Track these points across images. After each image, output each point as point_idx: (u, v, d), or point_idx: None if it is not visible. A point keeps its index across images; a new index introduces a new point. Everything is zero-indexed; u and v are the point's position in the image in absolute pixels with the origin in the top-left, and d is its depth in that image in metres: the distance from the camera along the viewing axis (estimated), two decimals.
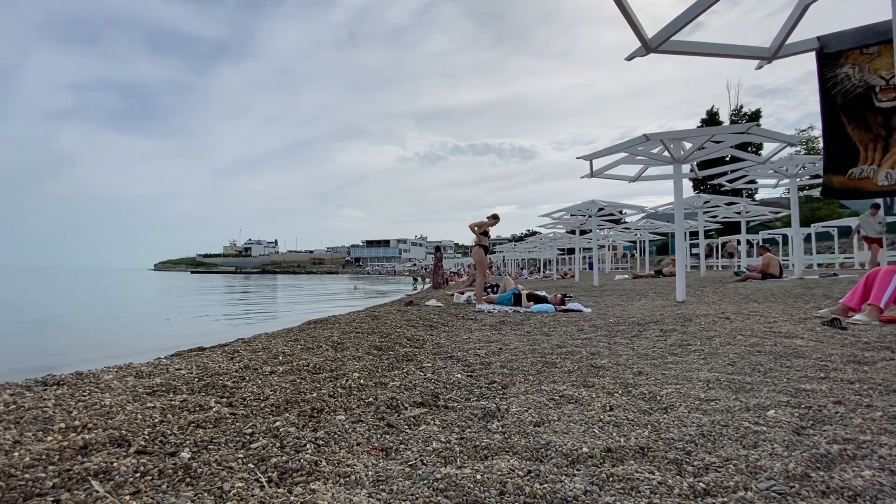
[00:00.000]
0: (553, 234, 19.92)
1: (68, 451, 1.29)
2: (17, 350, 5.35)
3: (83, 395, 1.85)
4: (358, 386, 2.08)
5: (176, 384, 2.04)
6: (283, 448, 1.40)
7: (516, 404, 1.84)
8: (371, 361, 2.64)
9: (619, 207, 12.79)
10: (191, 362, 2.62)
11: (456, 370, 2.46)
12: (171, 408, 1.70)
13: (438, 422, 1.68)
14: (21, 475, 1.15)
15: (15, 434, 1.40)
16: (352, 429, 1.59)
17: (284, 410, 1.76)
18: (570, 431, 1.54)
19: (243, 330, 6.40)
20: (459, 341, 3.49)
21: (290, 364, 2.50)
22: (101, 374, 2.26)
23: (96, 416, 1.58)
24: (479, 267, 7.10)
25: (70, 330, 7.44)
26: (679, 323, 3.94)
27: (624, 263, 32.73)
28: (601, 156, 7.26)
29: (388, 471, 1.28)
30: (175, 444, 1.39)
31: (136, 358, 3.31)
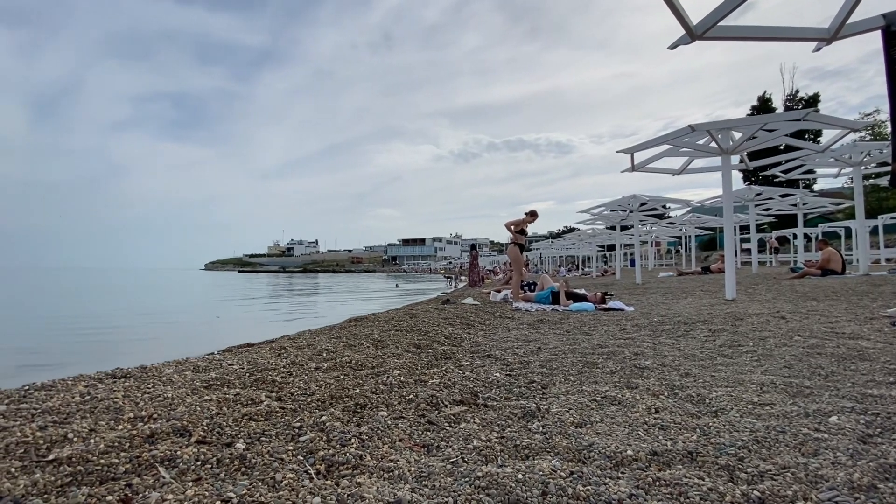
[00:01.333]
0: (592, 231, 19.42)
1: (137, 440, 1.40)
2: (86, 344, 5.82)
3: (148, 387, 1.99)
4: (398, 383, 2.13)
5: (229, 379, 2.16)
6: (329, 442, 1.45)
7: (557, 404, 1.83)
8: (410, 359, 2.68)
9: (663, 202, 12.29)
10: (242, 358, 2.76)
11: (494, 369, 2.46)
12: (225, 401, 1.80)
13: (478, 420, 1.69)
14: (97, 460, 1.27)
15: (90, 423, 1.53)
16: (394, 425, 1.63)
17: (329, 405, 1.82)
18: (614, 433, 1.51)
19: (288, 327, 6.66)
20: (497, 340, 3.48)
21: (333, 361, 2.58)
22: (162, 369, 2.43)
23: (160, 408, 1.70)
24: (515, 265, 7.04)
25: (131, 326, 8.00)
26: (729, 322, 3.76)
27: (668, 260, 31.48)
28: (643, 149, 7.01)
29: (430, 467, 1.31)
30: (230, 436, 1.47)
31: (192, 353, 3.52)
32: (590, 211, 13.49)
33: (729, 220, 6.20)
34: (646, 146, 6.89)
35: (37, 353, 5.22)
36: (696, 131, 5.82)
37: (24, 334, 6.98)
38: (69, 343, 5.91)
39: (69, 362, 4.37)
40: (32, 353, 5.18)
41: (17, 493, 1.08)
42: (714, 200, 12.93)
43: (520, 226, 6.84)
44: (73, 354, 5.07)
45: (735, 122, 6.28)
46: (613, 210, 13.03)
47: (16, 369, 4.17)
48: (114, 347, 5.58)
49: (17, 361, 4.75)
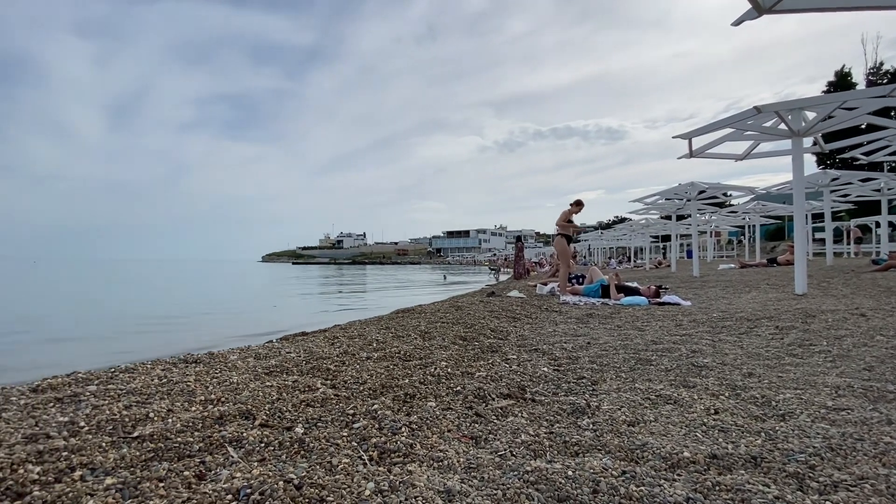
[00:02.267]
0: (645, 221, 18.56)
1: (208, 421, 1.52)
2: (158, 329, 6.35)
3: (216, 372, 2.15)
4: (446, 375, 2.16)
5: (288, 366, 2.29)
6: (381, 430, 1.51)
7: (608, 402, 1.79)
8: (457, 351, 2.71)
9: (724, 189, 11.51)
10: (298, 346, 2.91)
11: (542, 363, 2.44)
12: (285, 387, 1.91)
13: (526, 414, 1.69)
14: (174, 438, 1.39)
15: (168, 404, 1.68)
16: (442, 416, 1.66)
17: (380, 394, 1.88)
18: (669, 434, 1.46)
19: (339, 316, 6.92)
20: (544, 334, 3.44)
21: (383, 351, 2.66)
22: (227, 355, 2.61)
23: (227, 392, 1.83)
24: (562, 257, 6.87)
25: (198, 313, 8.63)
26: (799, 319, 3.49)
27: (729, 251, 29.55)
28: (702, 133, 6.59)
29: (479, 459, 1.33)
30: (290, 420, 1.57)
31: (252, 340, 3.76)
32: (643, 200, 12.91)
33: (800, 208, 5.72)
34: (705, 130, 6.47)
35: (117, 338, 5.77)
36: (762, 113, 5.39)
37: (105, 320, 7.72)
38: (144, 328, 6.48)
39: (145, 346, 4.79)
40: (114, 338, 5.73)
41: (108, 465, 1.21)
42: (782, 187, 11.94)
43: (566, 217, 6.66)
44: (147, 338, 5.55)
45: (808, 101, 5.75)
46: (669, 199, 12.38)
47: (101, 353, 4.63)
48: (183, 333, 6.05)
49: (102, 345, 5.27)
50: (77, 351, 4.95)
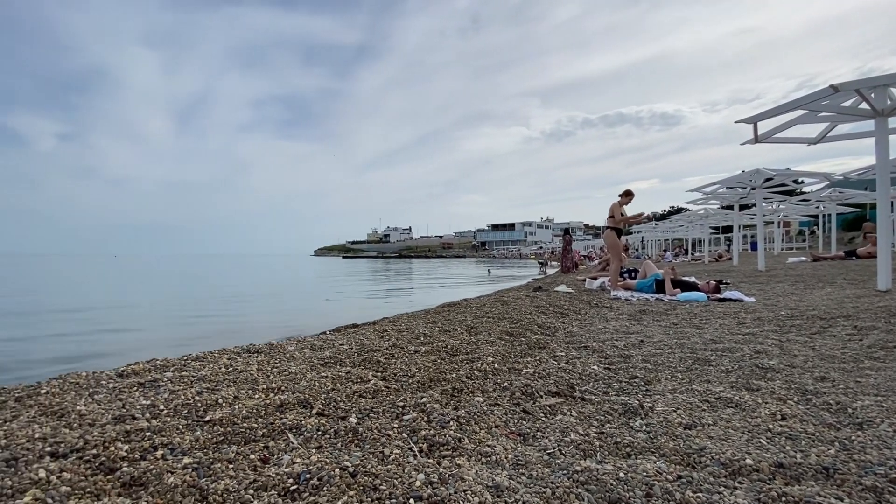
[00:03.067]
0: (704, 211, 17.48)
1: (270, 408, 1.63)
2: (220, 320, 6.81)
3: (276, 362, 2.29)
4: (493, 370, 2.17)
5: (341, 358, 2.39)
6: (430, 423, 1.55)
7: (662, 403, 1.72)
8: (503, 347, 2.71)
9: (794, 176, 10.60)
10: (350, 338, 3.02)
11: (592, 361, 2.39)
12: (339, 378, 2.00)
13: (575, 413, 1.67)
14: (241, 424, 1.50)
15: (234, 391, 1.81)
16: (489, 411, 1.68)
17: (429, 388, 1.93)
18: (730, 438, 1.39)
19: (386, 309, 7.10)
20: (594, 331, 3.35)
21: (430, 345, 2.71)
22: (286, 346, 2.76)
23: (286, 381, 1.94)
24: (613, 251, 6.63)
25: (257, 305, 9.17)
26: (882, 319, 3.17)
27: (800, 242, 27.26)
28: (770, 116, 6.09)
29: (527, 456, 1.33)
30: (344, 410, 1.64)
31: (307, 331, 3.95)
32: (702, 189, 12.16)
33: (884, 195, 5.17)
34: (774, 113, 5.98)
35: (186, 326, 6.26)
36: (840, 92, 4.91)
37: (176, 310, 8.38)
38: (210, 318, 6.98)
39: (212, 334, 5.16)
40: (184, 327, 6.22)
41: (185, 446, 1.33)
42: (863, 172, 10.83)
43: (616, 210, 6.40)
44: (213, 327, 5.97)
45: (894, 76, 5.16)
46: (731, 187, 11.60)
47: (173, 340, 5.05)
48: (242, 324, 6.46)
49: (173, 333, 5.74)
50: (153, 337, 5.42)
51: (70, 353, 4.34)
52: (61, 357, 4.08)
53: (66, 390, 1.82)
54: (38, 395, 1.78)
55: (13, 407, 1.66)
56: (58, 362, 3.76)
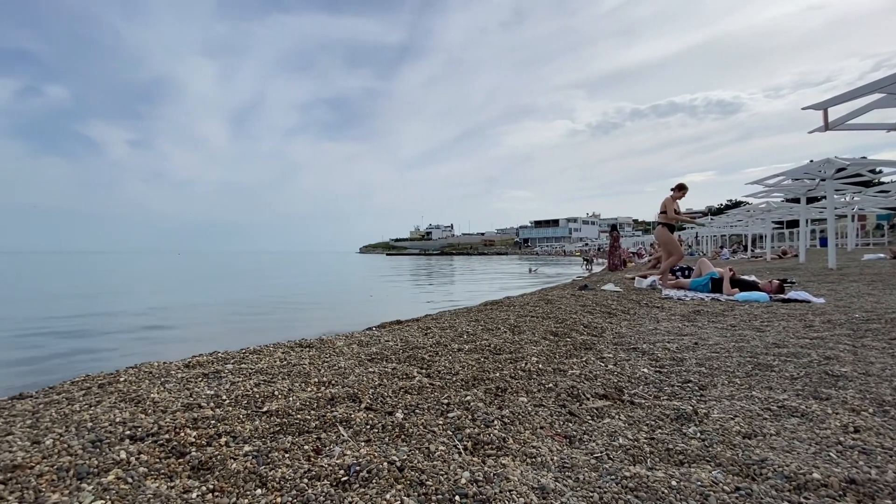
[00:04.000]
0: (766, 204, 16.30)
1: (321, 401, 1.71)
2: (271, 315, 7.15)
3: (326, 357, 2.39)
4: (537, 370, 2.15)
5: (387, 354, 2.46)
6: (474, 421, 1.56)
7: (718, 409, 1.64)
8: (548, 347, 2.67)
9: (871, 165, 9.66)
10: (395, 335, 3.09)
11: (641, 364, 2.31)
12: (385, 374, 2.06)
13: (624, 417, 1.62)
14: (295, 415, 1.58)
15: (288, 384, 1.91)
16: (534, 412, 1.67)
17: (472, 386, 1.94)
18: (794, 450, 1.30)
19: (429, 306, 7.18)
20: (644, 332, 3.23)
21: (473, 343, 2.73)
22: (335, 341, 2.87)
23: (336, 375, 2.02)
24: (665, 248, 6.33)
25: (306, 300, 9.55)
26: None
27: (878, 238, 24.85)
28: (843, 101, 5.59)
29: (573, 459, 1.31)
30: (391, 406, 1.69)
31: (353, 327, 4.07)
32: (763, 182, 11.37)
33: None
34: (847, 98, 5.48)
35: (243, 320, 6.63)
36: None
37: (233, 304, 8.90)
38: (264, 312, 7.36)
39: (265, 328, 5.44)
40: (240, 321, 6.59)
41: (245, 434, 1.42)
42: None
43: (668, 206, 6.12)
44: (264, 320, 6.30)
45: None
46: (797, 179, 10.75)
47: (231, 333, 5.37)
48: (293, 318, 6.76)
49: (231, 326, 6.10)
50: (213, 331, 5.79)
51: (140, 344, 4.73)
52: (133, 347, 4.45)
53: (141, 379, 1.99)
54: (118, 382, 1.96)
55: (97, 393, 1.84)
56: (131, 352, 4.11)
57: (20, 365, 3.76)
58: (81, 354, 4.15)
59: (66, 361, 3.81)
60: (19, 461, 1.20)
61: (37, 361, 3.86)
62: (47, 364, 3.74)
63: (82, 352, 4.28)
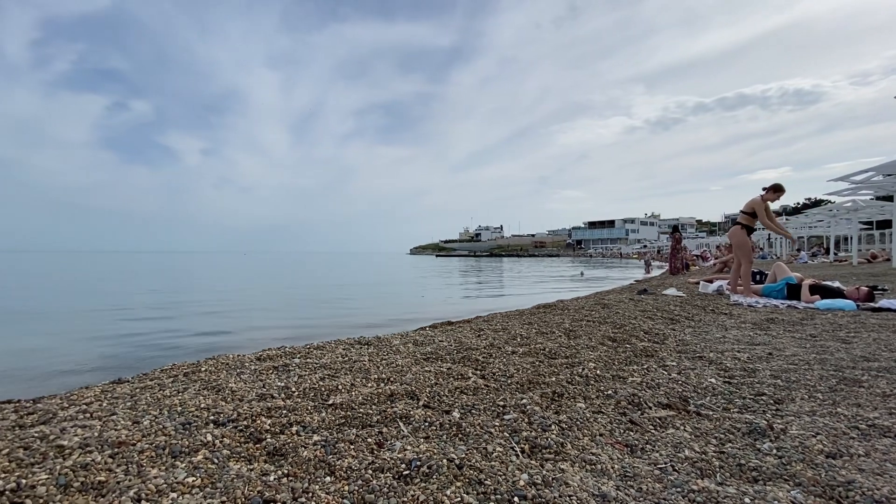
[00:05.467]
0: (853, 203, 14.77)
1: (381, 397, 1.78)
2: (330, 313, 7.47)
3: (384, 354, 2.48)
4: (595, 377, 2.11)
5: (441, 354, 2.50)
6: (530, 424, 1.56)
7: (797, 425, 1.53)
8: (606, 352, 2.60)
9: None
10: (448, 336, 3.14)
11: (708, 374, 2.19)
12: (441, 373, 2.11)
13: (689, 428, 1.56)
14: (358, 409, 1.66)
15: (350, 379, 2.00)
16: (593, 418, 1.64)
17: (528, 389, 1.94)
18: (887, 473, 1.19)
19: (478, 308, 7.19)
20: (710, 340, 3.05)
21: (528, 346, 2.71)
22: (391, 340, 2.96)
23: (394, 373, 2.10)
24: (739, 251, 5.80)
25: (360, 298, 9.89)
26: None
27: None
28: None
29: (635, 468, 1.28)
30: (448, 405, 1.73)
31: (405, 326, 4.17)
32: (850, 178, 10.33)
33: None
34: None
35: (304, 317, 6.99)
36: None
37: (295, 301, 9.40)
38: (323, 309, 7.71)
39: (322, 325, 5.70)
40: (302, 317, 6.95)
41: (314, 425, 1.52)
42: None
43: (757, 207, 5.42)
44: (324, 316, 6.59)
45: None
46: (889, 174, 9.67)
47: (294, 329, 5.68)
48: (350, 316, 7.02)
49: (291, 322, 6.45)
50: (278, 325, 6.15)
51: (214, 337, 5.12)
52: (207, 340, 4.83)
53: (220, 369, 2.17)
54: (200, 372, 2.15)
55: (182, 380, 2.03)
56: (205, 344, 4.47)
57: (113, 354, 4.20)
58: (168, 342, 4.57)
59: (153, 349, 4.22)
60: (123, 438, 1.35)
61: (128, 348, 4.30)
62: (136, 351, 4.16)
63: (169, 340, 4.71)
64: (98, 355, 4.06)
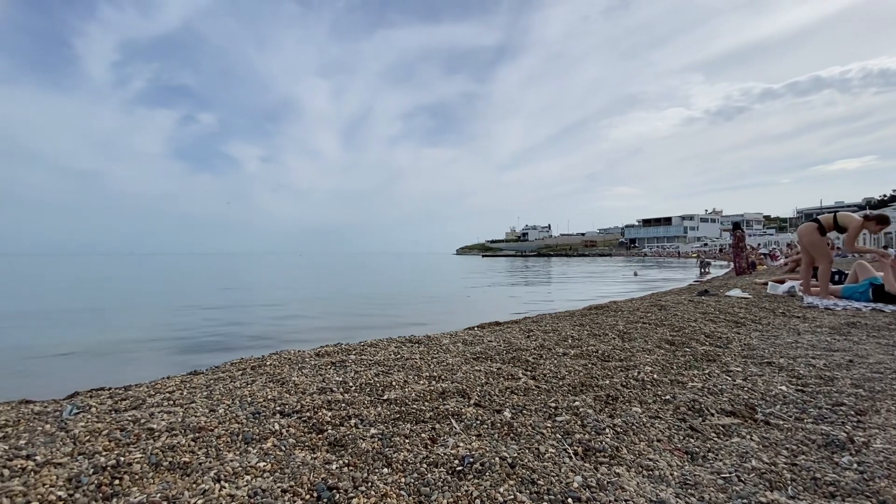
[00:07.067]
0: None
1: (433, 394, 1.82)
2: (379, 311, 7.68)
3: (434, 353, 2.53)
4: (651, 380, 2.03)
5: (490, 354, 2.52)
6: (584, 427, 1.54)
7: (882, 439, 1.40)
8: (663, 356, 2.50)
9: None
10: (497, 336, 3.14)
11: (778, 381, 2.05)
12: (491, 373, 2.12)
13: (757, 438, 1.47)
14: (411, 405, 1.71)
15: (403, 376, 2.06)
16: (650, 423, 1.59)
17: (580, 392, 1.91)
18: None
19: (526, 308, 7.11)
20: (781, 345, 2.85)
21: (579, 348, 2.66)
22: (441, 339, 3.01)
23: (445, 371, 2.14)
24: (814, 249, 5.28)
25: (408, 298, 10.08)
26: None
27: None
28: None
29: (696, 476, 1.23)
30: (499, 404, 1.74)
31: (453, 326, 4.21)
32: None
33: None
34: None
35: (356, 315, 7.24)
36: None
37: (347, 300, 9.75)
38: (371, 307, 7.95)
39: (373, 324, 5.88)
40: (354, 315, 7.21)
41: (371, 418, 1.59)
42: None
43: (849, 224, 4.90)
44: (375, 314, 6.80)
45: None
46: None
47: (347, 326, 5.90)
48: (399, 315, 7.19)
49: (345, 320, 6.70)
50: (333, 321, 6.41)
51: (275, 333, 5.43)
52: (273, 333, 5.13)
53: (283, 363, 2.32)
54: (265, 366, 2.30)
55: (250, 374, 2.18)
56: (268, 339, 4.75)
57: (188, 347, 4.57)
58: (234, 336, 4.91)
59: (223, 343, 4.55)
60: (203, 424, 1.48)
61: (200, 341, 4.66)
62: (208, 345, 4.50)
63: (235, 334, 5.06)
64: (175, 348, 4.43)
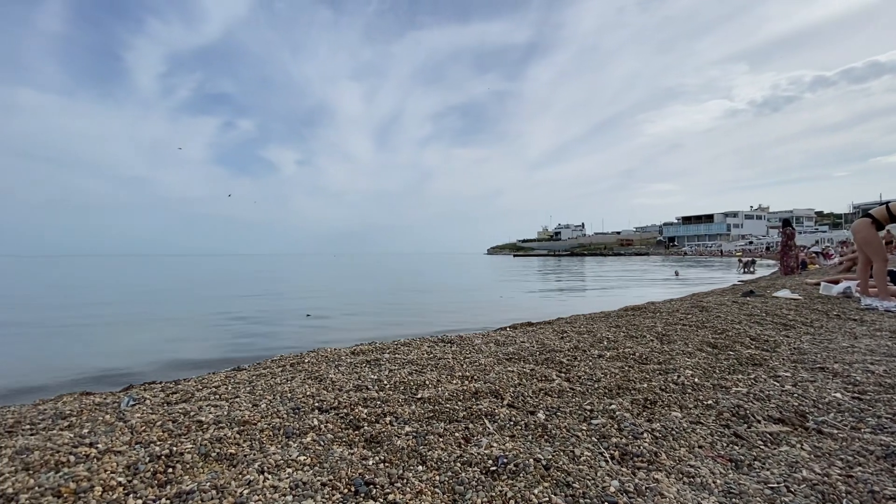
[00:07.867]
0: None
1: (466, 394, 1.83)
2: (414, 310, 7.75)
3: (467, 353, 2.54)
4: (692, 385, 1.97)
5: (523, 354, 2.50)
6: (620, 431, 1.51)
7: None
8: (704, 359, 2.41)
9: None
10: (530, 336, 3.12)
11: (832, 387, 1.93)
12: (524, 374, 2.11)
13: (808, 447, 1.40)
14: (444, 405, 1.73)
15: (436, 375, 2.08)
16: (690, 429, 1.54)
17: (617, 395, 1.87)
18: None
19: (560, 309, 6.99)
20: (835, 349, 2.68)
21: (615, 350, 2.60)
22: (473, 339, 3.02)
23: (477, 371, 2.14)
24: (870, 248, 4.95)
25: (441, 297, 10.13)
26: None
27: None
28: None
29: (741, 485, 1.19)
30: (532, 406, 1.73)
31: (485, 326, 4.21)
32: None
33: None
34: None
35: (389, 314, 7.34)
36: None
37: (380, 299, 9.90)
38: (404, 306, 8.04)
39: (405, 323, 5.94)
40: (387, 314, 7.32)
41: (405, 416, 1.61)
42: None
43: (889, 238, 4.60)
44: (405, 316, 6.87)
45: None
46: None
47: (380, 325, 5.99)
48: (431, 314, 7.23)
49: (379, 319, 6.81)
50: (366, 320, 6.54)
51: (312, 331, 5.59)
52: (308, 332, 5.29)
53: (320, 361, 2.39)
54: (303, 363, 2.38)
55: (290, 370, 2.26)
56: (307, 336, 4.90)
57: (230, 344, 4.78)
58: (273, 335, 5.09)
59: (262, 342, 4.73)
60: (246, 418, 1.56)
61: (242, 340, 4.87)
62: (249, 343, 4.69)
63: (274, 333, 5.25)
64: (219, 345, 4.65)
